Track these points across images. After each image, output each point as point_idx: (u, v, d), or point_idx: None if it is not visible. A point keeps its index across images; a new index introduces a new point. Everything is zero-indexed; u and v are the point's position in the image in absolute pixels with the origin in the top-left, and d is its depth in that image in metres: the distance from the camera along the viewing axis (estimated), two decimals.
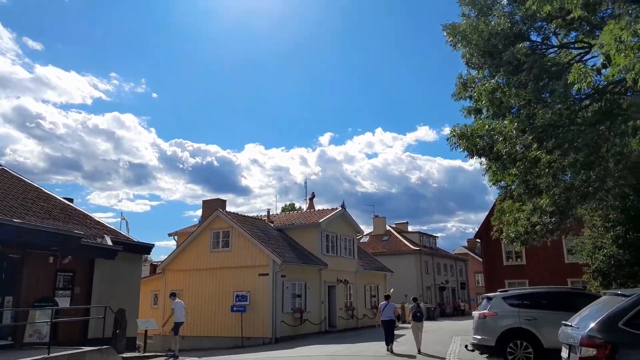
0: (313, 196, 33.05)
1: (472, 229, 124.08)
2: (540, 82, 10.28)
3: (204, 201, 26.62)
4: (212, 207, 25.30)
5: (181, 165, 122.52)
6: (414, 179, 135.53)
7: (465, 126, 11.29)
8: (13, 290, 12.13)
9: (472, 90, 12.63)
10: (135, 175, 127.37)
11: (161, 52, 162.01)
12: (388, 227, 53.47)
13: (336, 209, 29.50)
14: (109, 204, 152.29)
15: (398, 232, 52.06)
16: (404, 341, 18.90)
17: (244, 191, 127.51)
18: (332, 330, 26.09)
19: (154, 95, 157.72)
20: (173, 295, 16.42)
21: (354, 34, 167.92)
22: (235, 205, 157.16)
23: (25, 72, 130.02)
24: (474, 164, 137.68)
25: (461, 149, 11.07)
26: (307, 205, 32.76)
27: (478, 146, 10.81)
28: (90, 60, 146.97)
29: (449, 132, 11.28)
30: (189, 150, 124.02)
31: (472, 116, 11.73)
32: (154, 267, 29.25)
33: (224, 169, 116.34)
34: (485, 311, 11.23)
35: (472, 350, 11.53)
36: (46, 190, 17.26)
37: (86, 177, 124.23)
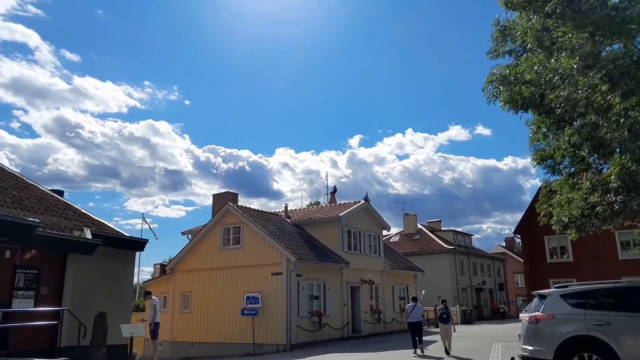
0: (335, 190, 30.60)
1: (508, 230, 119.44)
2: (608, 8, 7.61)
3: (214, 195, 24.51)
4: (223, 201, 23.19)
5: (214, 171, 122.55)
6: (447, 179, 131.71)
7: (507, 67, 8.65)
8: None
9: (512, 39, 10.03)
10: (170, 182, 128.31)
11: (191, 58, 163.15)
12: (420, 226, 50.53)
13: (359, 202, 26.96)
14: (145, 210, 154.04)
15: (430, 231, 49.03)
16: (436, 348, 16.25)
17: (276, 195, 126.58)
18: (356, 336, 23.54)
19: (187, 102, 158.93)
20: (149, 293, 14.17)
21: (382, 34, 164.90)
22: (268, 209, 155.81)
23: (64, 83, 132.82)
24: (509, 164, 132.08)
25: (501, 102, 8.46)
26: (329, 199, 30.32)
27: (524, 95, 8.18)
28: (125, 69, 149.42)
29: (485, 79, 8.64)
30: (221, 156, 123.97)
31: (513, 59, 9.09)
32: (163, 268, 27.36)
33: (256, 173, 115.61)
34: (537, 313, 8.57)
35: None
36: (27, 180, 15.45)
37: (123, 184, 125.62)
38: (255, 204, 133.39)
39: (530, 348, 8.41)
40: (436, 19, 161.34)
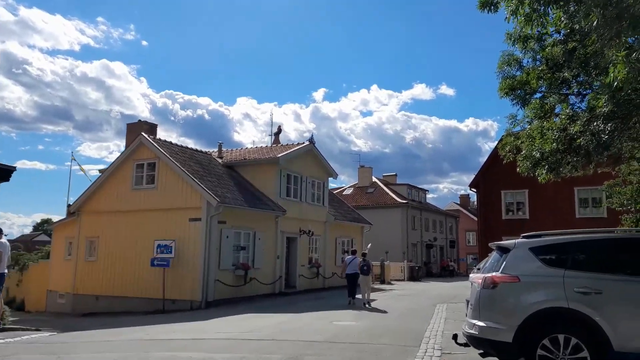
0: (279, 131, 27.26)
1: (464, 191, 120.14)
2: None
3: (128, 125, 20.80)
4: (138, 133, 19.57)
5: (172, 118, 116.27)
6: (408, 138, 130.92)
7: None
8: None
9: None
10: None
11: None
12: (374, 179, 48.28)
13: (302, 143, 23.90)
14: (100, 156, 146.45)
15: (385, 185, 46.91)
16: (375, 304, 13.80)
17: (237, 146, 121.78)
18: (288, 292, 21.01)
19: (144, 42, 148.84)
20: None
21: None
22: None
23: (9, 14, 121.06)
24: (470, 126, 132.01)
25: None
26: (273, 140, 27.02)
27: None
28: (76, 3, 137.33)
29: None
30: (179, 102, 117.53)
31: None
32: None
33: (216, 122, 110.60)
34: (495, 274, 5.86)
35: (466, 345, 6.24)
36: None
37: (77, 127, 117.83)
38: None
39: (480, 324, 5.73)
40: None
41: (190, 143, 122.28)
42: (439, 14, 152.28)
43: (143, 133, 19.25)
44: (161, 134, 21.26)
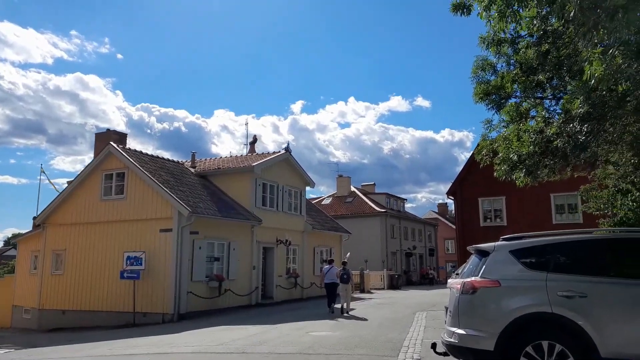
0: (255, 140, 26.81)
1: (442, 200, 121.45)
2: None
3: (96, 134, 20.12)
4: (107, 143, 18.89)
5: (149, 131, 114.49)
6: (386, 149, 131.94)
7: None
8: None
9: None
10: None
11: (125, 10, 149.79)
12: (353, 188, 48.07)
13: (278, 152, 23.50)
14: (74, 170, 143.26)
15: (363, 194, 46.71)
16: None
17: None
18: (265, 303, 20.45)
19: (119, 56, 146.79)
20: None
21: (328, 1, 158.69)
22: None
23: None
24: (446, 136, 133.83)
25: None
26: (249, 149, 26.53)
27: None
28: (49, 16, 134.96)
29: None
30: (156, 115, 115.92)
31: None
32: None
33: (193, 135, 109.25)
34: (475, 278, 5.53)
35: (445, 354, 5.88)
36: None
37: (50, 140, 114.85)
38: None
39: (460, 332, 5.38)
40: None
41: (167, 155, 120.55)
42: (414, 27, 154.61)
43: (112, 142, 18.59)
44: (137, 147, 20.78)
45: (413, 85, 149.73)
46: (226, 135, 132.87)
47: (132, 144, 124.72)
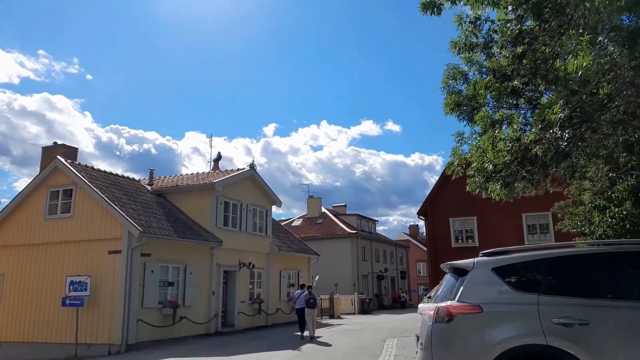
0: (219, 157, 25.61)
1: (413, 222, 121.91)
2: None
3: (43, 148, 18.64)
4: (54, 157, 17.41)
5: (118, 153, 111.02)
6: (358, 172, 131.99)
7: None
8: None
9: None
10: None
11: (95, 30, 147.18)
12: (324, 210, 47.01)
13: (242, 169, 22.34)
14: None
15: (335, 215, 45.66)
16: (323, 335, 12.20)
17: None
18: (226, 332, 18.97)
19: (89, 77, 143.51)
20: None
21: (301, 25, 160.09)
22: None
23: None
24: (416, 160, 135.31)
25: None
26: (212, 167, 25.30)
27: None
28: (16, 35, 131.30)
29: None
30: (125, 137, 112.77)
31: None
32: None
33: (163, 157, 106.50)
34: (450, 303, 4.52)
35: None
36: None
37: (15, 162, 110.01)
38: None
39: None
40: (354, 14, 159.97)
41: (136, 177, 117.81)
42: (385, 53, 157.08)
43: (59, 157, 17.12)
44: (106, 168, 19.12)
45: (384, 110, 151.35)
46: (197, 157, 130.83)
47: (101, 166, 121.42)
